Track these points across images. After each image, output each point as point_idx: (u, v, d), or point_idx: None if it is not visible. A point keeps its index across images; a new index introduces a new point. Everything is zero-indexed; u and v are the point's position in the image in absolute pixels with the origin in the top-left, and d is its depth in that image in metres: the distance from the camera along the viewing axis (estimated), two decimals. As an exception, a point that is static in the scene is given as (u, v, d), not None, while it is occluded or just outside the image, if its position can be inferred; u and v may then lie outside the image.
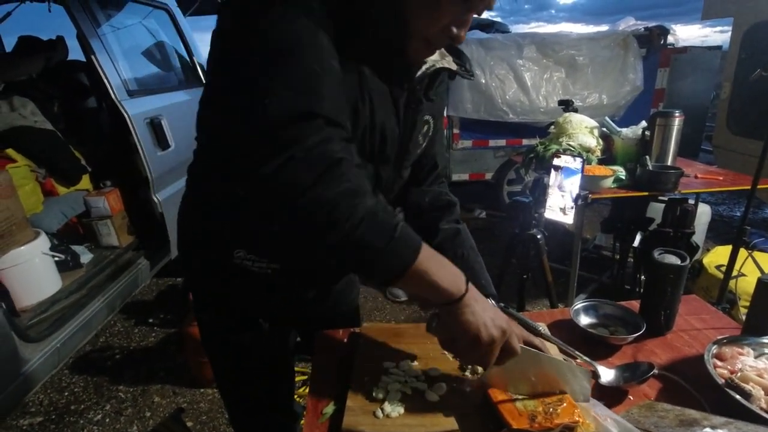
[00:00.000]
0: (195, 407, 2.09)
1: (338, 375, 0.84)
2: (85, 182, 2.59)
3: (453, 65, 0.82)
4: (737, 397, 0.70)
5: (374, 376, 0.80)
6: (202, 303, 0.95)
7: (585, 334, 0.93)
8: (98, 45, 2.36)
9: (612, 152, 2.42)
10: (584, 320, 0.99)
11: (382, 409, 0.73)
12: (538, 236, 1.93)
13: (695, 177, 2.30)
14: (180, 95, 2.94)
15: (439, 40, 0.71)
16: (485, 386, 0.75)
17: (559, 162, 1.97)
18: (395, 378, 0.80)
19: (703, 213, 2.96)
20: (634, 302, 1.03)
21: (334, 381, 0.82)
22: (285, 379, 1.09)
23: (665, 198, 2.11)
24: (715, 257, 2.39)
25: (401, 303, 2.87)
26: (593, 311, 1.01)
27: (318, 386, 0.83)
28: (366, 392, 0.77)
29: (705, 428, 0.63)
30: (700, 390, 0.77)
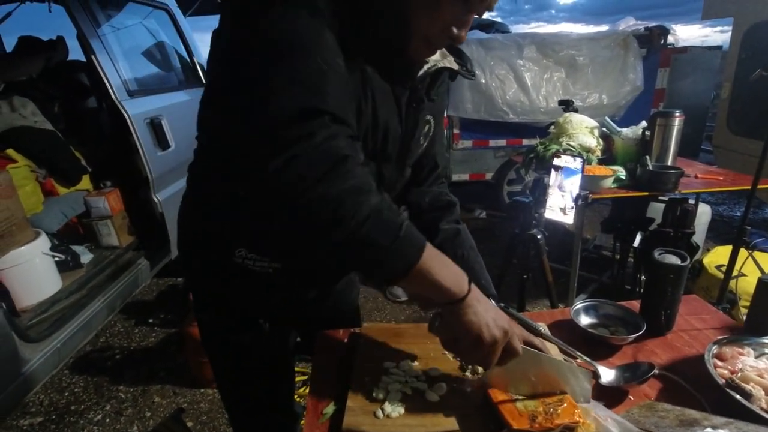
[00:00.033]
0: (195, 407, 2.09)
1: (338, 375, 0.84)
2: (86, 182, 2.59)
3: (454, 65, 0.82)
4: (738, 397, 0.70)
5: (374, 376, 0.80)
6: (202, 303, 0.95)
7: (585, 334, 0.93)
8: (98, 45, 2.36)
9: (612, 152, 2.42)
10: (584, 320, 0.99)
11: (383, 410, 0.73)
12: (539, 236, 1.93)
13: (695, 177, 2.30)
14: (180, 95, 2.94)
15: (440, 41, 0.71)
16: (486, 386, 0.75)
17: (560, 162, 1.97)
18: (395, 378, 0.80)
19: (704, 213, 2.96)
20: (635, 302, 1.03)
21: (335, 381, 0.82)
22: (285, 380, 1.09)
23: (665, 198, 2.11)
24: (716, 257, 2.39)
25: (401, 303, 2.87)
26: (593, 311, 1.01)
27: (318, 386, 0.82)
28: (366, 392, 0.77)
29: (705, 428, 0.63)
30: (701, 390, 0.77)
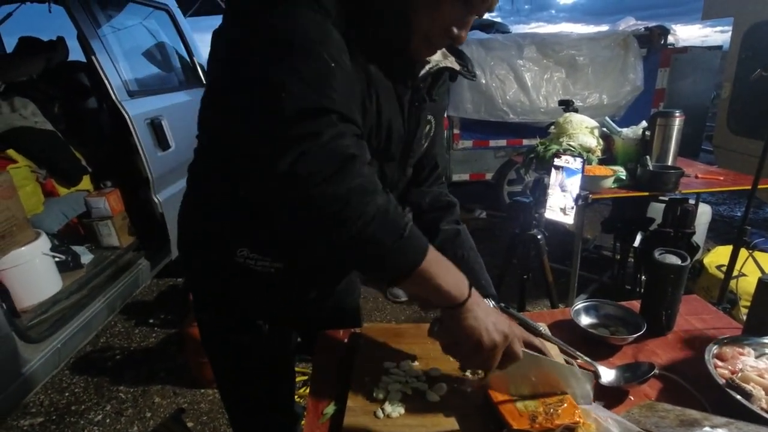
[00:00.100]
0: (195, 408, 2.09)
1: (339, 375, 0.84)
2: (86, 183, 2.59)
3: (456, 65, 0.82)
4: (738, 398, 0.70)
5: (375, 377, 0.80)
6: (203, 303, 0.95)
7: (586, 335, 0.93)
8: (99, 46, 2.37)
9: (612, 152, 2.41)
10: (585, 320, 0.99)
11: (383, 410, 0.73)
12: (539, 236, 1.93)
13: (696, 177, 2.30)
14: (180, 96, 2.94)
15: (440, 41, 0.71)
16: (486, 387, 0.75)
17: (560, 162, 1.97)
18: (396, 378, 0.80)
19: (704, 213, 2.95)
20: (635, 302, 1.03)
21: (335, 381, 0.82)
22: (285, 380, 1.08)
23: (666, 198, 2.11)
24: (716, 257, 2.38)
25: (402, 303, 2.87)
26: (594, 311, 1.01)
27: (318, 386, 0.83)
28: (366, 392, 0.77)
29: (705, 428, 0.63)
30: (701, 390, 0.77)
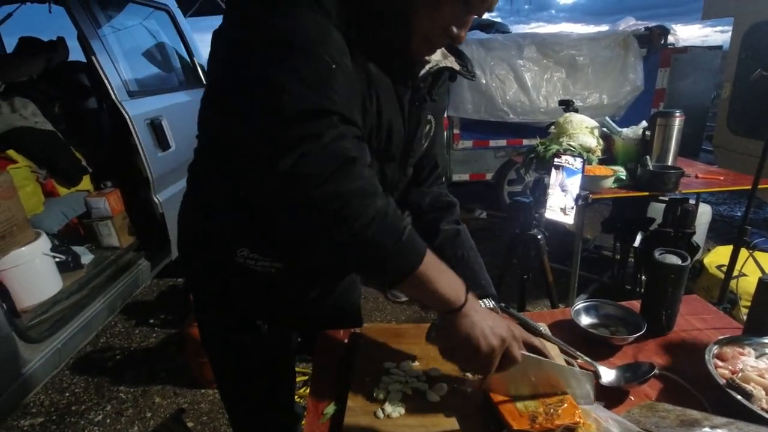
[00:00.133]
0: (196, 408, 2.09)
1: (339, 375, 0.84)
2: (86, 183, 2.59)
3: (456, 65, 0.82)
4: (738, 398, 0.70)
5: (375, 377, 0.80)
6: (203, 303, 0.95)
7: (586, 335, 0.93)
8: (99, 46, 2.37)
9: (612, 152, 2.41)
10: (585, 320, 0.99)
11: (383, 410, 0.73)
12: (539, 236, 1.92)
13: (696, 177, 2.30)
14: (180, 96, 2.94)
15: (440, 40, 0.71)
16: (486, 389, 0.75)
17: (560, 162, 1.97)
18: (396, 378, 0.80)
19: (704, 213, 2.95)
20: (635, 302, 1.03)
21: (335, 381, 0.82)
22: (285, 380, 1.08)
23: (666, 198, 2.11)
24: (716, 257, 2.38)
25: (402, 303, 2.87)
26: (594, 311, 1.01)
27: (319, 386, 0.83)
28: (367, 392, 0.77)
29: (706, 428, 0.63)
30: (701, 390, 0.77)
